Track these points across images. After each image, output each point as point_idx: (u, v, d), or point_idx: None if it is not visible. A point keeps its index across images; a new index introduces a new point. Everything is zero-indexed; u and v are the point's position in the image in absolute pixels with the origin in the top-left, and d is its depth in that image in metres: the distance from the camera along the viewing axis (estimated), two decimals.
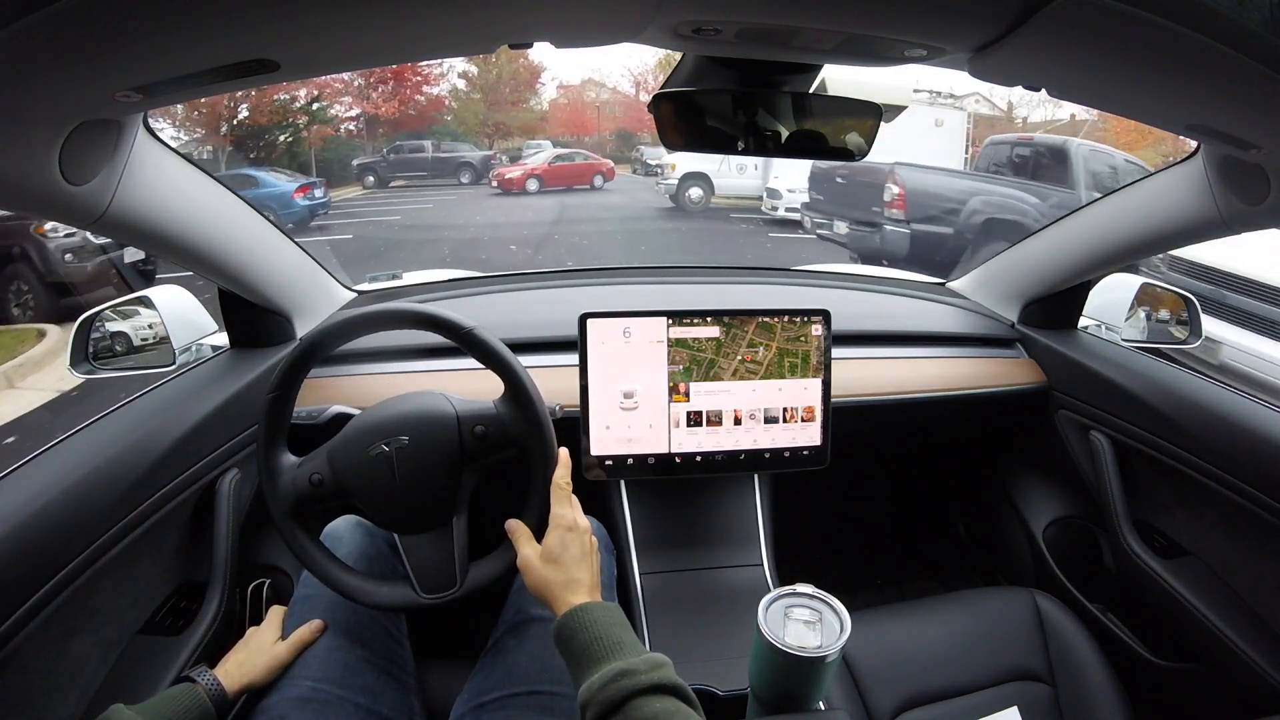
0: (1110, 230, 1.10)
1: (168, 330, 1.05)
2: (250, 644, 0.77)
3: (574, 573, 0.68)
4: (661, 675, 0.56)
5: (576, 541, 0.70)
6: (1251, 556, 0.95)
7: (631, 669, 0.56)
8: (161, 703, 0.67)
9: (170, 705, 0.67)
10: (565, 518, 0.72)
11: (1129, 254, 1.10)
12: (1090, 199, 1.18)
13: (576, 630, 0.63)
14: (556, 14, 0.53)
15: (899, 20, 0.53)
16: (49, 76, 0.49)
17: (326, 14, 0.46)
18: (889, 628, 1.01)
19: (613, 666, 0.57)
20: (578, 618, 0.64)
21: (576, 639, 0.62)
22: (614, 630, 0.62)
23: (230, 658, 0.76)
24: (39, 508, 0.69)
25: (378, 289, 1.41)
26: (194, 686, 0.70)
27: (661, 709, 0.54)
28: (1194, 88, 0.57)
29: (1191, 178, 0.90)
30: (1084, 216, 1.17)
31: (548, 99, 22.03)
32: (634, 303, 1.12)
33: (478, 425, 0.77)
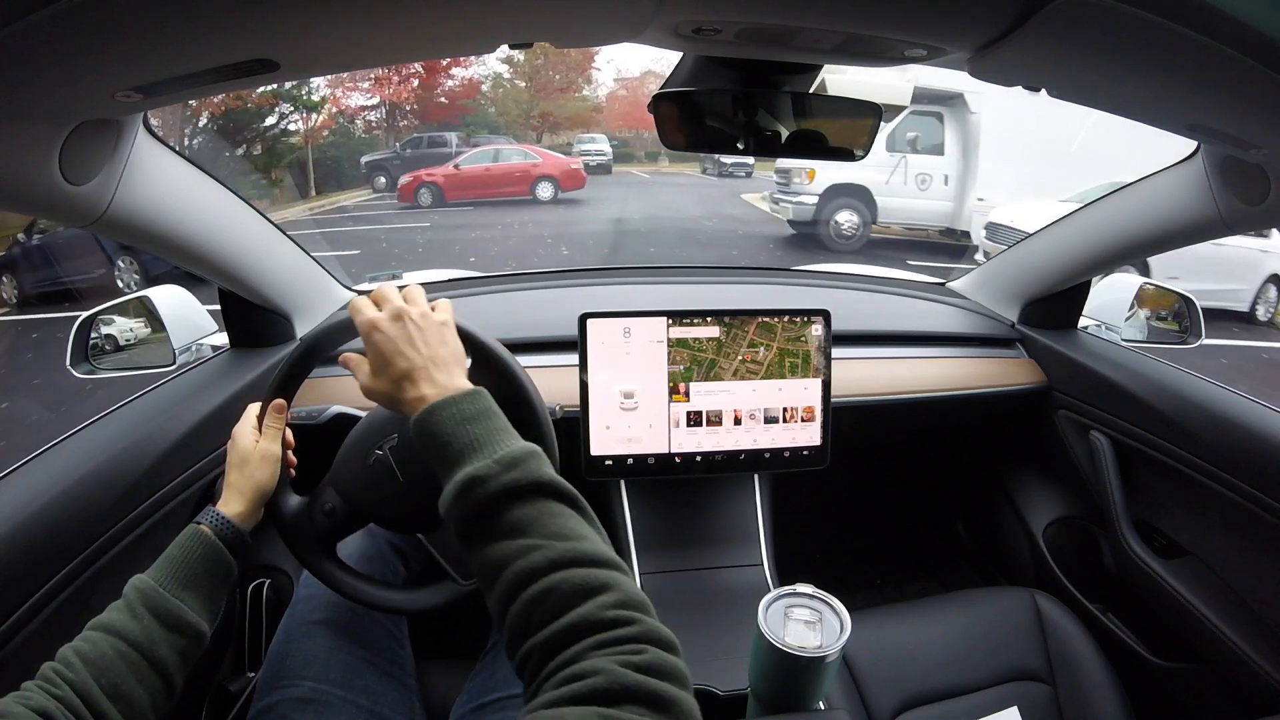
0: (1110, 230, 1.10)
1: (168, 330, 1.05)
2: (235, 461, 0.71)
3: (397, 366, 0.59)
4: (518, 475, 0.49)
5: (386, 330, 0.61)
6: (1251, 556, 0.95)
7: (483, 474, 0.49)
8: (165, 553, 0.63)
9: (177, 554, 0.63)
10: (364, 317, 0.62)
11: (1129, 254, 1.10)
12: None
13: (424, 435, 0.54)
14: (556, 14, 0.53)
15: (899, 20, 0.54)
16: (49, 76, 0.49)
17: (326, 14, 0.46)
18: (889, 628, 1.01)
19: (462, 472, 0.50)
20: (423, 421, 0.55)
21: (428, 446, 0.54)
22: (464, 426, 0.53)
23: (229, 482, 0.71)
24: (39, 508, 0.69)
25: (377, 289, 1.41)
26: (198, 527, 0.65)
27: (524, 515, 0.47)
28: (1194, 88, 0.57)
29: (1191, 178, 0.90)
30: (1084, 216, 1.17)
31: (604, 90, 19.10)
32: (634, 303, 1.12)
33: None
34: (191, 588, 0.62)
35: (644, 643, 0.41)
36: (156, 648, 0.57)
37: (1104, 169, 4.41)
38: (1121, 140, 2.64)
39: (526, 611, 0.43)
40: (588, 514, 0.50)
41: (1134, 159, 1.62)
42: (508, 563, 0.45)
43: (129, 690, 0.54)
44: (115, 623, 0.56)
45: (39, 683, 0.51)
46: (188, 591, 0.61)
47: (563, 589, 0.43)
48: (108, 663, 0.54)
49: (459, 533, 0.50)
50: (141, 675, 0.55)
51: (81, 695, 0.51)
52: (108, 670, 0.53)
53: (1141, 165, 1.02)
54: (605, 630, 0.41)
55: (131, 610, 0.58)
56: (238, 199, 0.95)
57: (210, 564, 0.64)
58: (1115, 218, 1.09)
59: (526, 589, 0.44)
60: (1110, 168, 3.79)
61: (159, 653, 0.57)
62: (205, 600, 0.63)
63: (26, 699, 0.49)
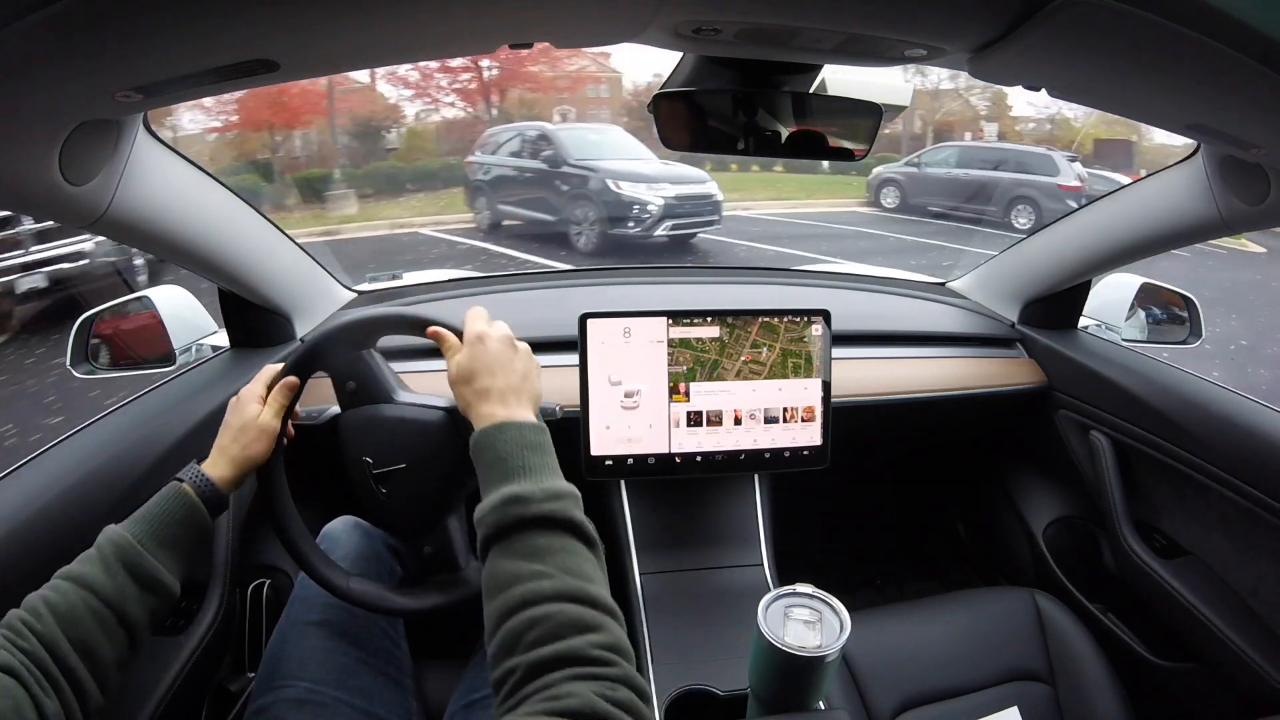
0: (1110, 230, 1.10)
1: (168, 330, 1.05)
2: (234, 424, 0.70)
3: (486, 381, 0.63)
4: (555, 507, 0.52)
5: (487, 349, 0.65)
6: (1251, 556, 0.95)
7: (526, 495, 0.53)
8: (145, 509, 0.63)
9: (158, 511, 0.62)
10: (474, 329, 0.67)
11: (1129, 254, 1.10)
12: None
13: (484, 447, 0.58)
14: (556, 14, 0.53)
15: (899, 20, 0.54)
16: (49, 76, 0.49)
17: (326, 14, 0.46)
18: (889, 628, 1.01)
19: (508, 489, 0.53)
20: (489, 435, 0.59)
21: (484, 456, 0.58)
22: (522, 451, 0.57)
23: (221, 445, 0.69)
24: (39, 508, 0.69)
25: (378, 289, 1.41)
26: (180, 486, 0.64)
27: (547, 544, 0.51)
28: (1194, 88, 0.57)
29: (1191, 178, 0.90)
30: (1084, 217, 1.17)
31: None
32: (634, 302, 1.12)
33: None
34: (169, 547, 0.61)
35: (622, 684, 0.44)
36: (128, 605, 0.56)
37: None
38: None
39: (521, 629, 0.46)
40: (602, 561, 0.53)
41: None
42: (518, 580, 0.49)
43: (96, 645, 0.54)
44: (88, 576, 0.56)
45: (4, 633, 0.50)
46: (165, 551, 0.61)
47: (559, 619, 0.46)
48: (77, 616, 0.53)
49: (484, 538, 0.53)
50: (110, 631, 0.55)
51: (49, 648, 0.51)
52: (77, 624, 0.53)
53: None
54: (590, 665, 0.44)
55: (105, 565, 0.57)
56: (238, 199, 0.95)
57: (189, 525, 0.63)
58: (1115, 218, 1.09)
59: (527, 609, 0.47)
60: None
61: (130, 610, 0.56)
62: (180, 560, 0.62)
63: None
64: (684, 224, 6.67)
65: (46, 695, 0.48)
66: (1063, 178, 8.29)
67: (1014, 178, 8.48)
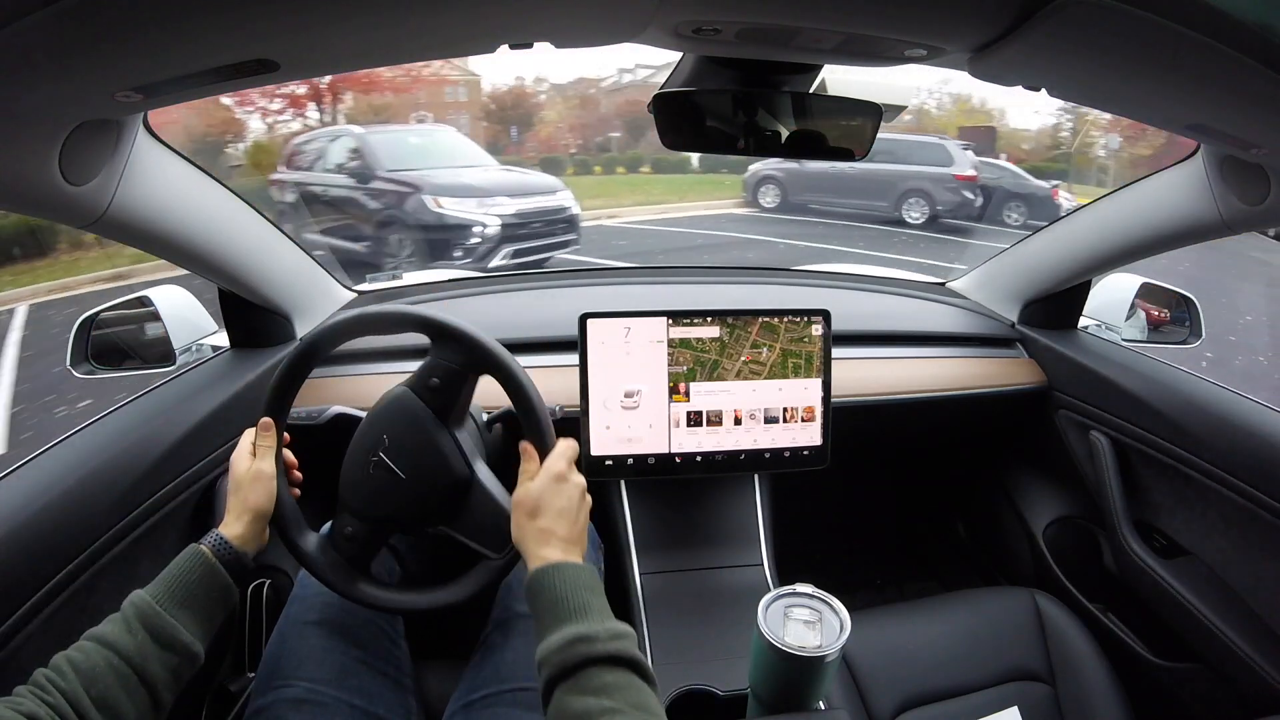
0: (1110, 230, 1.10)
1: (168, 330, 1.05)
2: (232, 486, 0.73)
3: (551, 524, 0.66)
4: (620, 646, 0.55)
5: (563, 493, 0.68)
6: (1251, 556, 0.95)
7: (591, 635, 0.55)
8: (165, 572, 0.65)
9: (176, 573, 0.64)
10: (556, 467, 0.69)
11: (1129, 254, 1.10)
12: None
13: (544, 588, 0.61)
14: (556, 14, 0.53)
15: (899, 20, 0.54)
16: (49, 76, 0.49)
17: (326, 14, 0.46)
18: (889, 628, 1.01)
19: (572, 629, 0.56)
20: (548, 575, 0.61)
21: (543, 596, 0.60)
22: (581, 592, 0.60)
23: (229, 506, 0.72)
24: (39, 508, 0.69)
25: (378, 289, 1.41)
26: (198, 548, 0.67)
27: (614, 681, 0.53)
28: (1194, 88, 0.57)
29: (1191, 178, 0.90)
30: (1084, 217, 1.17)
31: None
32: (634, 303, 1.12)
33: (430, 378, 0.74)
34: (188, 607, 0.63)
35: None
36: (148, 664, 0.58)
37: None
38: None
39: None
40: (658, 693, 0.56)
41: None
42: (589, 716, 0.51)
43: (117, 702, 0.55)
44: (109, 636, 0.58)
45: (31, 688, 0.53)
46: (184, 611, 0.63)
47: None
48: (99, 674, 0.55)
49: (549, 678, 0.55)
50: (130, 689, 0.57)
51: (71, 703, 0.53)
52: (98, 681, 0.55)
53: None
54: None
55: (128, 625, 0.59)
56: (238, 199, 0.95)
57: (208, 585, 0.65)
58: (1115, 218, 1.09)
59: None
60: None
61: (150, 669, 0.58)
62: (201, 620, 0.64)
63: (18, 704, 0.50)
64: (528, 248, 5.15)
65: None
66: (957, 167, 7.78)
67: (904, 170, 7.85)
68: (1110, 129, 13.56)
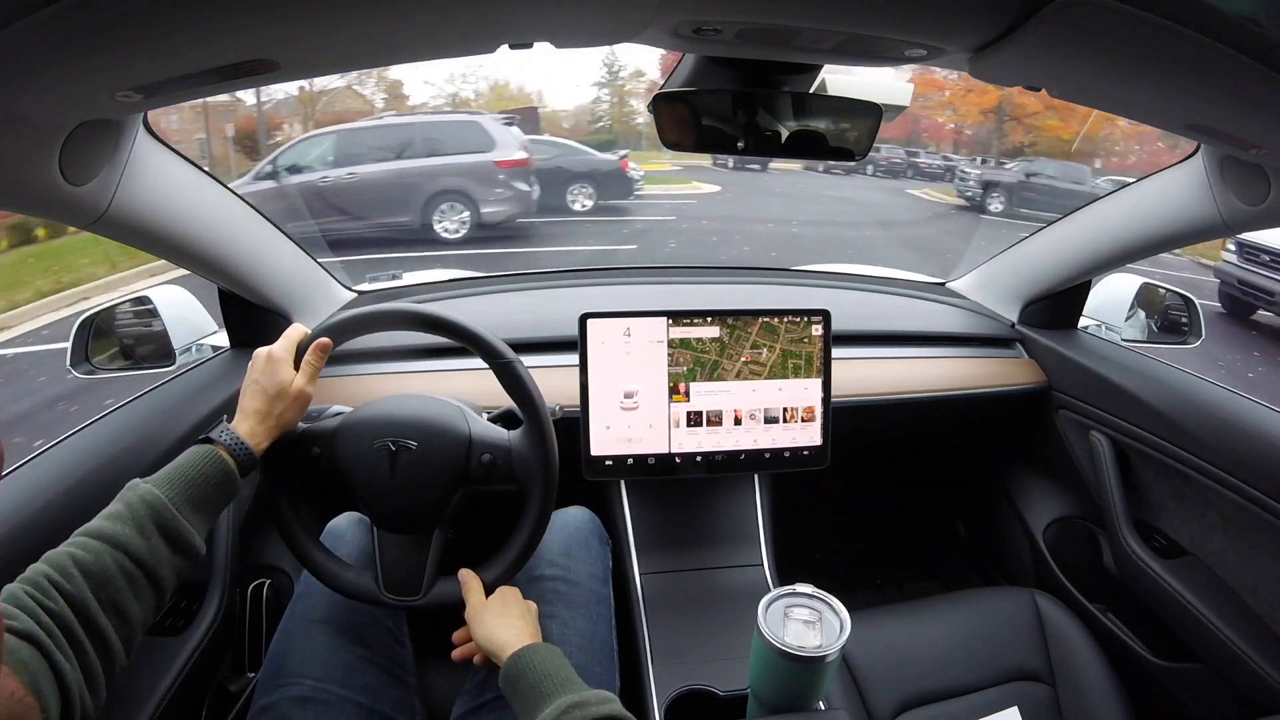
0: (1110, 231, 1.10)
1: (168, 330, 1.05)
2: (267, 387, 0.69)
3: (516, 621, 0.72)
4: (612, 708, 0.59)
5: (517, 600, 0.76)
6: (1251, 556, 0.95)
7: (583, 701, 0.59)
8: (178, 468, 0.62)
9: (192, 474, 0.62)
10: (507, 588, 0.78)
11: (1129, 254, 1.10)
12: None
13: (525, 670, 0.65)
14: (556, 14, 0.53)
15: (899, 20, 0.54)
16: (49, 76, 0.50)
17: (326, 14, 0.46)
18: (889, 628, 1.01)
19: (565, 699, 0.59)
20: (525, 658, 0.66)
21: (525, 678, 0.64)
22: (561, 668, 0.65)
23: (253, 408, 0.69)
24: (39, 507, 0.69)
25: (378, 289, 1.41)
26: (214, 449, 0.64)
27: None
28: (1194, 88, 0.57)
29: (1191, 178, 0.90)
30: (1084, 217, 1.17)
31: None
32: (634, 303, 1.12)
33: (486, 453, 0.77)
34: (200, 511, 0.61)
35: None
36: (160, 567, 0.56)
37: None
38: None
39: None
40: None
41: None
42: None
43: (128, 606, 0.53)
44: (121, 536, 0.55)
45: (28, 590, 0.49)
46: (197, 514, 0.61)
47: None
48: (109, 577, 0.53)
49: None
50: (140, 592, 0.55)
51: (77, 610, 0.50)
52: (108, 585, 0.52)
53: None
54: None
55: (139, 526, 0.56)
56: (238, 199, 0.95)
57: (221, 489, 0.63)
58: (1115, 218, 1.09)
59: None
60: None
61: (161, 571, 0.56)
62: (208, 521, 0.63)
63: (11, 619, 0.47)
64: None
65: (69, 661, 0.48)
66: (500, 151, 5.82)
67: (429, 165, 5.87)
68: (647, 96, 13.90)
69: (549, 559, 0.87)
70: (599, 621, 0.85)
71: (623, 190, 8.33)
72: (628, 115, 15.49)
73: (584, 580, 0.87)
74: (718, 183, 11.56)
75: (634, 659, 0.91)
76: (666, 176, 11.95)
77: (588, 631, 0.82)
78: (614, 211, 8.17)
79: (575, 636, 0.80)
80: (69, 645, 0.48)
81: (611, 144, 11.56)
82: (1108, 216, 1.11)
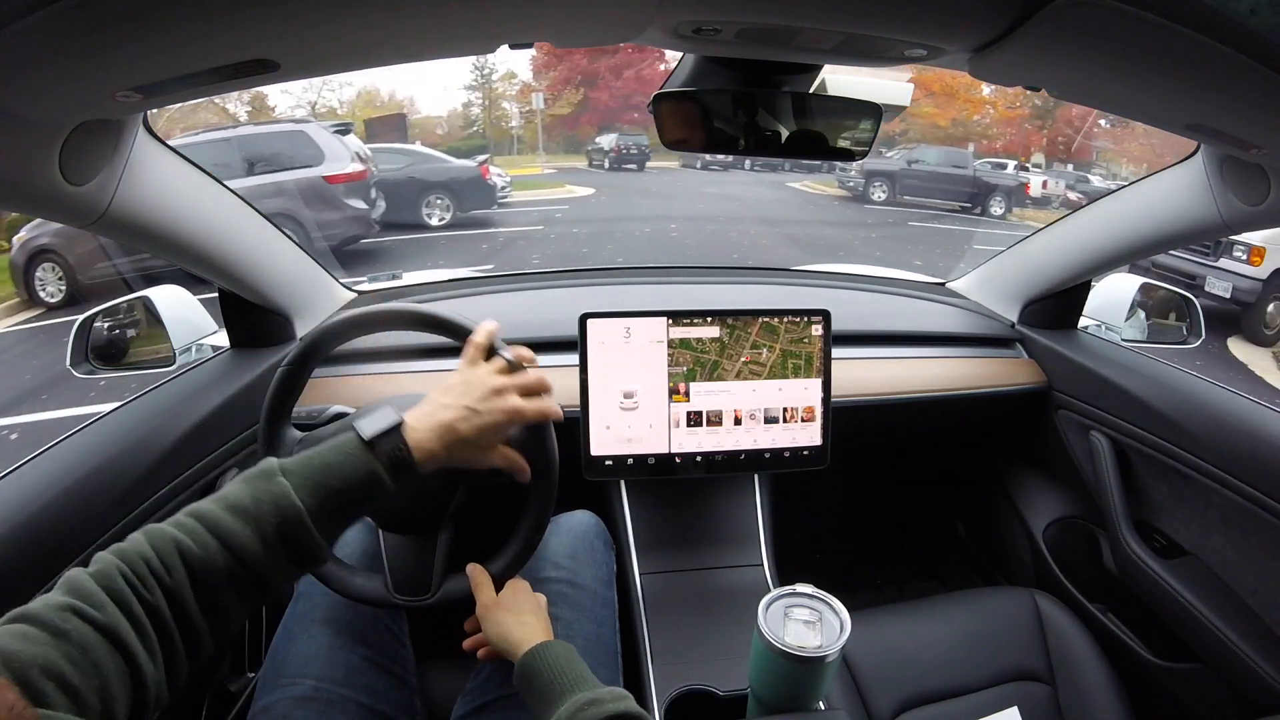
0: (1110, 231, 1.10)
1: (168, 330, 1.05)
2: (484, 415, 0.62)
3: (528, 618, 0.72)
4: (626, 705, 0.59)
5: (528, 596, 0.76)
6: (1251, 556, 0.95)
7: (598, 698, 0.59)
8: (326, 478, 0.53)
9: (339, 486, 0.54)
10: (518, 581, 0.78)
11: (1129, 254, 1.10)
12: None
13: (540, 668, 0.65)
14: (556, 14, 0.53)
15: (899, 20, 0.54)
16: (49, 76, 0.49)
17: (326, 14, 0.46)
18: (889, 628, 1.01)
19: (580, 696, 0.59)
20: (540, 656, 0.66)
21: (540, 676, 0.64)
22: (575, 665, 0.65)
23: (450, 424, 0.60)
24: (39, 507, 0.69)
25: (378, 289, 1.41)
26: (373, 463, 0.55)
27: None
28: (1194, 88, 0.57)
29: (1191, 178, 0.90)
30: (1084, 217, 1.17)
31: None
32: (634, 303, 1.12)
33: None
34: (338, 519, 0.55)
35: None
36: (273, 576, 0.51)
37: None
38: None
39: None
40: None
41: None
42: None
43: (228, 607, 0.49)
44: (238, 540, 0.49)
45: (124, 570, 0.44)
46: (333, 523, 0.54)
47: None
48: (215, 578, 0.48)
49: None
50: (246, 596, 0.50)
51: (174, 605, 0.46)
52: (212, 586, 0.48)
53: None
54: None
55: (261, 534, 0.50)
56: (238, 199, 0.95)
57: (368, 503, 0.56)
58: (1115, 218, 1.09)
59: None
60: None
61: (274, 580, 0.51)
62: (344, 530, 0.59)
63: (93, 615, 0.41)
64: None
65: (153, 661, 0.44)
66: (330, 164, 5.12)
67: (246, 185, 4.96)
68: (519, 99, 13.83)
69: (554, 562, 0.87)
70: (603, 624, 0.85)
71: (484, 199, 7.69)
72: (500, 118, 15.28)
73: (589, 583, 0.87)
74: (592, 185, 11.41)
75: (634, 659, 0.91)
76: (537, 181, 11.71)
77: (592, 634, 0.82)
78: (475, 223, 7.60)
79: (580, 639, 0.80)
80: (159, 643, 0.44)
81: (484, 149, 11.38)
82: (1108, 217, 1.11)
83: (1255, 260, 4.99)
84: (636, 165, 13.69)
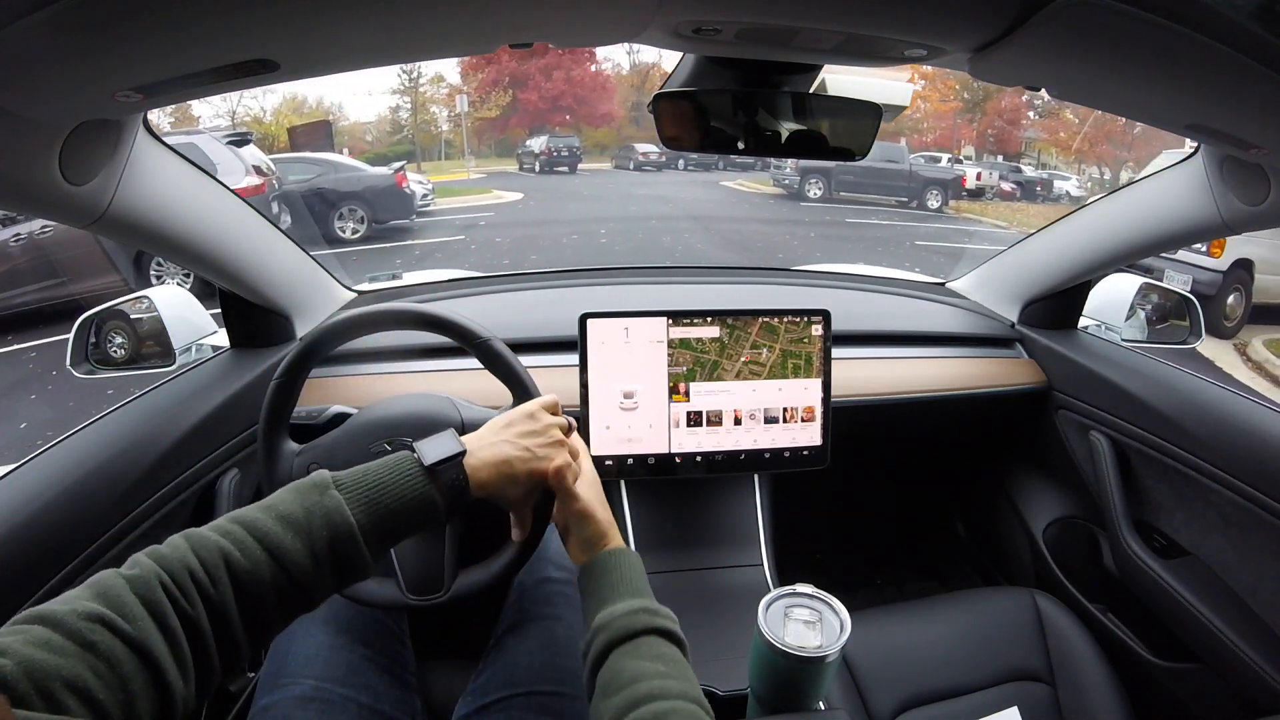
0: (1110, 231, 1.10)
1: (168, 330, 1.05)
2: (546, 460, 0.62)
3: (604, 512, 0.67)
4: (677, 626, 0.59)
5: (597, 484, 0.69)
6: (1251, 556, 0.95)
7: (655, 609, 0.59)
8: (381, 499, 0.53)
9: (395, 507, 0.53)
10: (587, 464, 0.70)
11: (1129, 254, 1.10)
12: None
13: (612, 568, 0.63)
14: (556, 14, 0.53)
15: (899, 20, 0.54)
16: (49, 76, 0.49)
17: (326, 14, 0.46)
18: (889, 628, 1.01)
19: (638, 602, 0.59)
20: (617, 557, 0.64)
21: (610, 575, 0.62)
22: (642, 579, 0.63)
23: (510, 458, 0.61)
24: (39, 507, 0.69)
25: (378, 289, 1.41)
26: (431, 491, 0.55)
27: (669, 653, 0.56)
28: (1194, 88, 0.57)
29: (1191, 178, 0.90)
30: (1084, 217, 1.17)
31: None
32: (634, 303, 1.12)
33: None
34: (386, 540, 0.54)
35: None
36: (318, 590, 0.50)
37: None
38: None
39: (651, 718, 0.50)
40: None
41: None
42: (645, 677, 0.53)
43: (270, 617, 0.48)
44: (288, 554, 0.48)
45: (165, 579, 0.42)
46: (381, 544, 0.53)
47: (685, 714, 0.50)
48: (261, 594, 0.46)
49: (609, 640, 0.57)
50: (289, 607, 0.49)
51: (215, 617, 0.44)
52: (257, 599, 0.46)
53: None
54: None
55: (313, 549, 0.49)
56: (237, 199, 0.95)
57: (420, 528, 0.56)
58: (1115, 218, 1.09)
59: (656, 702, 0.51)
60: None
61: (318, 594, 0.51)
62: (389, 549, 0.57)
63: (128, 622, 0.40)
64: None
65: (183, 676, 0.42)
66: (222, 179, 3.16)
67: None
68: (446, 103, 13.56)
69: (557, 562, 0.87)
70: None
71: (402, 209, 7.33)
72: (428, 122, 15.02)
73: None
74: (521, 189, 11.18)
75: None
76: (464, 187, 11.38)
77: None
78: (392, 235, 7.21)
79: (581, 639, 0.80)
80: (192, 658, 0.43)
81: (412, 155, 11.15)
82: (1108, 217, 1.11)
83: (1215, 252, 5.08)
84: (568, 167, 13.53)
